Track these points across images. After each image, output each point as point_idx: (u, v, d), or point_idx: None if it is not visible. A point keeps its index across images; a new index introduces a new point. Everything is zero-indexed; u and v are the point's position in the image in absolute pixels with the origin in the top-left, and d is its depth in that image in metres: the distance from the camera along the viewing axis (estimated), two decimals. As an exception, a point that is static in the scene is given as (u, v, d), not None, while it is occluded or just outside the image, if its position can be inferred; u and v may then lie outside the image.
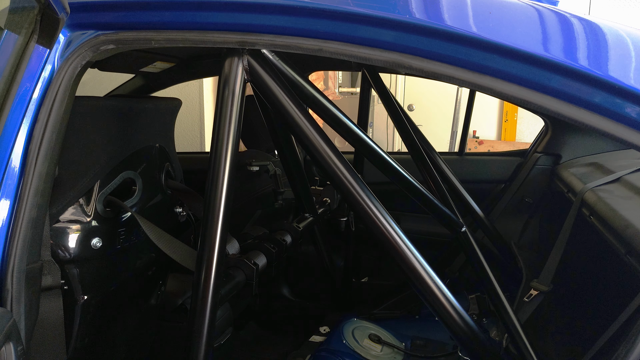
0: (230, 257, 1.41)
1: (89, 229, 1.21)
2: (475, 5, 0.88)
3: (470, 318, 1.03)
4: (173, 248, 1.25)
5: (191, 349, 1.00)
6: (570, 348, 1.27)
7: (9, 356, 0.77)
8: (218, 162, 0.98)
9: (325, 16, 0.88)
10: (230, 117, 0.98)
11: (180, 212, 1.56)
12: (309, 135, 1.01)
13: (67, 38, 0.98)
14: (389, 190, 1.56)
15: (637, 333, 0.74)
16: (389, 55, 0.87)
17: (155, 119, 1.48)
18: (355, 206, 1.01)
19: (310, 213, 1.86)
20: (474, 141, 4.80)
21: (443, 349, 1.74)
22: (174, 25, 0.96)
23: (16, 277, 0.89)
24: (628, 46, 0.85)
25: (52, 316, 1.03)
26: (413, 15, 0.85)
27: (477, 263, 1.47)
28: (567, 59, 0.78)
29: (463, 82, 0.85)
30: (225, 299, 1.30)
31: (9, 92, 0.88)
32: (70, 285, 1.19)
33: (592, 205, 1.37)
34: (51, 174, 0.96)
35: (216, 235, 0.99)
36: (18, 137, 0.90)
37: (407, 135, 1.72)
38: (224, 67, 0.99)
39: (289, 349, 1.88)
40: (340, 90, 5.01)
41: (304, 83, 1.11)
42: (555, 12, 0.89)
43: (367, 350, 1.71)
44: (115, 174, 1.28)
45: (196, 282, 1.00)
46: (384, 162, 1.28)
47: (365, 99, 2.10)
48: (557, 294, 1.47)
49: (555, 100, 0.80)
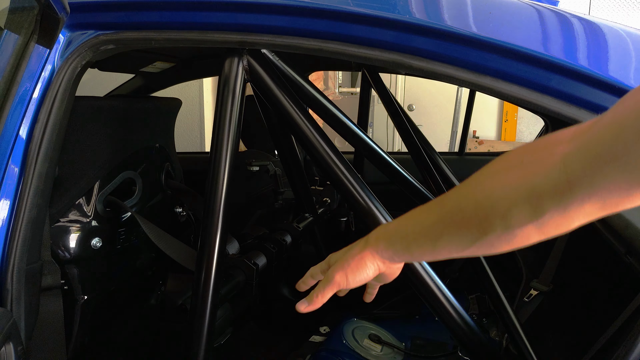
0: (230, 257, 1.41)
1: (89, 229, 1.21)
2: (475, 5, 0.88)
3: (470, 318, 1.03)
4: (173, 248, 1.25)
5: (191, 349, 0.99)
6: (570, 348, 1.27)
7: (9, 356, 0.77)
8: (218, 162, 0.98)
9: (325, 16, 0.88)
10: (230, 117, 0.98)
11: (180, 212, 1.56)
12: (309, 135, 1.01)
13: (67, 38, 0.98)
14: (389, 190, 1.56)
15: (637, 333, 0.74)
16: (389, 55, 0.87)
17: (155, 119, 1.48)
18: (355, 206, 1.01)
19: (310, 213, 1.86)
20: (474, 141, 4.80)
21: (443, 349, 1.74)
22: (174, 25, 0.96)
23: (16, 277, 0.89)
24: (628, 46, 0.85)
25: (52, 316, 1.03)
26: (413, 15, 0.85)
27: (477, 263, 1.47)
28: (567, 59, 0.78)
29: (463, 82, 0.85)
30: (225, 299, 1.30)
31: (9, 92, 0.88)
32: (70, 285, 1.19)
33: (592, 205, 1.37)
34: (51, 174, 0.96)
35: (216, 235, 0.99)
36: (18, 137, 0.90)
37: (407, 135, 1.72)
38: (224, 67, 0.99)
39: (289, 349, 1.88)
40: (340, 90, 5.01)
41: (304, 83, 1.11)
42: (555, 12, 0.89)
43: (367, 350, 1.71)
44: (115, 174, 1.28)
45: (196, 282, 1.00)
46: (384, 162, 1.28)
47: (365, 99, 2.10)
48: (557, 294, 1.47)
49: (555, 100, 0.80)
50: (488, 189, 0.50)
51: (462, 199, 0.54)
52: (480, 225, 0.50)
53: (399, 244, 0.63)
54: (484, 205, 0.50)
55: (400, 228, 0.63)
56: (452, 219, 0.54)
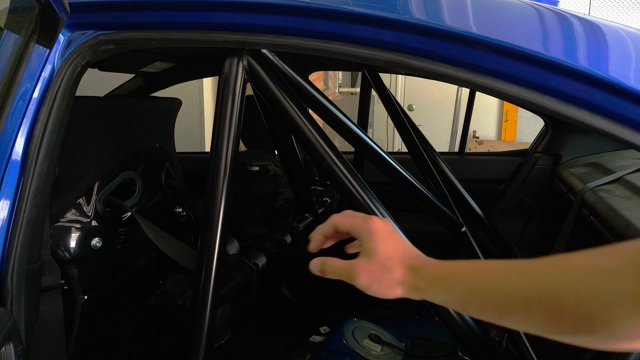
0: (230, 257, 1.41)
1: (89, 229, 1.21)
2: (475, 5, 0.88)
3: (470, 318, 1.02)
4: (173, 248, 1.25)
5: (191, 349, 0.99)
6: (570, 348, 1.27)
7: (9, 356, 0.77)
8: (218, 162, 0.98)
9: (325, 16, 0.88)
10: (230, 117, 0.98)
11: (180, 212, 1.56)
12: (309, 135, 1.01)
13: (67, 38, 0.98)
14: (389, 190, 1.56)
15: (637, 333, 0.74)
16: (389, 55, 0.87)
17: (155, 119, 1.48)
18: (355, 206, 1.01)
19: (310, 213, 1.86)
20: (474, 141, 4.80)
21: (443, 349, 1.74)
22: (174, 25, 0.96)
23: (16, 277, 0.89)
24: (628, 46, 0.85)
25: (52, 316, 1.03)
26: (413, 15, 0.85)
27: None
28: (567, 59, 0.78)
29: (463, 82, 0.85)
30: (225, 299, 1.30)
31: (9, 92, 0.88)
32: (70, 285, 1.19)
33: (592, 205, 1.37)
34: (51, 174, 0.96)
35: (216, 235, 0.99)
36: (18, 137, 0.90)
37: (407, 135, 1.72)
38: (224, 67, 0.99)
39: (289, 349, 1.87)
40: (340, 90, 5.01)
41: (304, 83, 1.11)
42: (555, 12, 0.89)
43: (367, 350, 1.71)
44: (115, 174, 1.28)
45: (196, 282, 1.00)
46: (384, 162, 1.27)
47: (365, 99, 2.10)
48: (557, 294, 1.47)
49: (555, 100, 0.80)
50: (597, 288, 0.43)
51: (562, 288, 0.46)
52: (577, 323, 0.44)
53: (452, 296, 0.56)
54: (589, 305, 0.43)
55: (463, 282, 0.56)
56: (541, 305, 0.47)
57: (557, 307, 0.45)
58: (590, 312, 0.43)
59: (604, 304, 0.42)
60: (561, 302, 0.45)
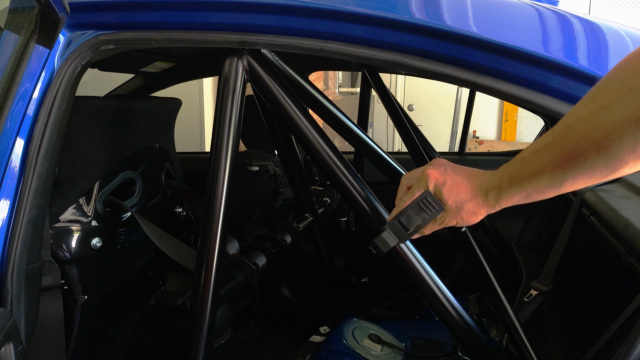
0: (230, 257, 1.41)
1: (89, 229, 1.21)
2: (475, 5, 0.88)
3: (470, 318, 1.03)
4: (173, 248, 1.25)
5: (191, 349, 1.00)
6: (570, 348, 1.27)
7: (9, 356, 0.77)
8: (218, 162, 0.98)
9: (325, 16, 0.88)
10: (230, 117, 0.98)
11: (180, 212, 1.56)
12: (309, 135, 1.01)
13: (67, 38, 0.98)
14: (389, 190, 1.55)
15: (637, 333, 0.74)
16: (389, 55, 0.87)
17: (155, 119, 1.48)
18: (355, 206, 1.01)
19: (310, 213, 1.86)
20: (474, 141, 4.80)
21: (443, 349, 1.74)
22: (174, 25, 0.96)
23: (16, 277, 0.89)
24: (628, 46, 0.85)
25: (52, 316, 1.03)
26: (413, 15, 0.85)
27: (477, 263, 1.47)
28: (567, 59, 0.78)
29: (463, 82, 0.85)
30: (225, 299, 1.30)
31: (9, 92, 0.88)
32: (70, 285, 1.19)
33: (592, 205, 1.37)
34: (51, 174, 0.96)
35: (216, 235, 0.99)
36: (18, 137, 0.90)
37: (407, 135, 1.71)
38: (224, 67, 0.99)
39: (289, 349, 1.87)
40: (340, 90, 5.02)
41: (304, 83, 1.11)
42: (555, 12, 0.89)
43: (367, 350, 1.71)
44: (115, 174, 1.28)
45: (196, 282, 1.00)
46: (384, 162, 1.27)
47: (365, 99, 2.10)
48: (557, 294, 1.47)
49: (555, 100, 0.80)
50: (605, 125, 0.53)
51: (580, 139, 0.57)
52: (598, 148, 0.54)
53: (542, 162, 0.65)
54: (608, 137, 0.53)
55: (524, 169, 0.67)
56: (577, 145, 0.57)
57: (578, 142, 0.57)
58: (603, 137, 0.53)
59: (612, 127, 0.52)
60: (580, 141, 0.57)
